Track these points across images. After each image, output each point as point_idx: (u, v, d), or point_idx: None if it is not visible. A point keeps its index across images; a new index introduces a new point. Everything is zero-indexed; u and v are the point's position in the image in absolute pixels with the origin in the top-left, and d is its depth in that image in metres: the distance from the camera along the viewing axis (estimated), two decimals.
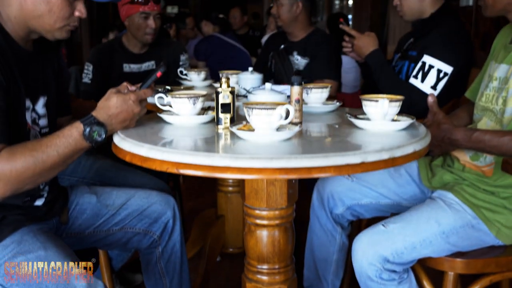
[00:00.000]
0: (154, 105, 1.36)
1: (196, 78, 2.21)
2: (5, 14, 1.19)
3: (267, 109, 1.04)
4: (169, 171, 1.00)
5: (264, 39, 4.11)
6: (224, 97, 1.19)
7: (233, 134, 1.11)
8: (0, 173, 1.04)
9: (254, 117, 1.06)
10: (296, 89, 1.26)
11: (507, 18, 1.46)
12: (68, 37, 1.26)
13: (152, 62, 2.43)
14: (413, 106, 1.88)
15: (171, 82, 2.35)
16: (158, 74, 1.20)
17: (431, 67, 1.86)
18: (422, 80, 1.87)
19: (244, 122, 1.14)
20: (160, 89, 1.90)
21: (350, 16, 6.50)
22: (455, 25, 1.91)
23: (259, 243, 1.26)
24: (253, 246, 1.28)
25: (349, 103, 3.37)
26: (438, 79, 1.86)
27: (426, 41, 1.92)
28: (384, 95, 1.28)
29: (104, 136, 1.14)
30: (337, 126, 1.35)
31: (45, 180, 1.22)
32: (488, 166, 1.43)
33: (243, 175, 0.97)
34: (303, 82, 1.29)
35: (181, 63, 2.48)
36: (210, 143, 1.17)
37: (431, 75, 1.86)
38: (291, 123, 1.18)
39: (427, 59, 1.87)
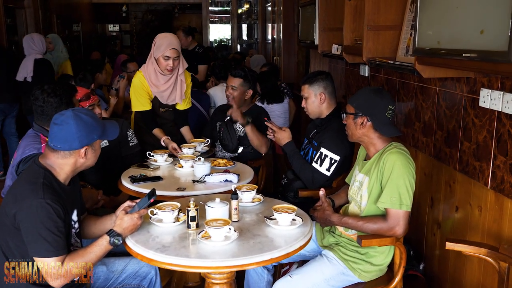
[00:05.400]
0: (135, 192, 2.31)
1: (160, 159, 2.96)
2: (60, 170, 1.90)
3: (218, 228, 1.87)
4: (162, 267, 1.80)
5: (210, 92, 4.81)
6: (192, 213, 1.99)
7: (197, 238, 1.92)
8: (64, 273, 1.79)
9: (211, 231, 1.88)
10: (234, 202, 2.09)
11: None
12: None
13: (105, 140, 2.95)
14: (314, 182, 2.78)
15: (126, 156, 3.04)
16: (151, 200, 1.98)
17: (325, 156, 2.75)
18: (320, 165, 2.76)
19: (205, 230, 1.95)
20: (138, 175, 2.67)
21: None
22: (342, 125, 2.80)
23: None
24: None
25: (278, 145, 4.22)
26: (331, 164, 2.75)
27: (323, 137, 2.81)
28: (285, 208, 2.13)
29: (121, 241, 1.91)
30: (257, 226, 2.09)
31: None
32: (354, 235, 2.33)
33: (207, 270, 1.79)
34: (238, 196, 2.13)
35: (129, 139, 3.11)
36: (186, 248, 1.90)
37: (326, 161, 2.75)
38: (232, 221, 2.02)
39: (323, 150, 2.76)
